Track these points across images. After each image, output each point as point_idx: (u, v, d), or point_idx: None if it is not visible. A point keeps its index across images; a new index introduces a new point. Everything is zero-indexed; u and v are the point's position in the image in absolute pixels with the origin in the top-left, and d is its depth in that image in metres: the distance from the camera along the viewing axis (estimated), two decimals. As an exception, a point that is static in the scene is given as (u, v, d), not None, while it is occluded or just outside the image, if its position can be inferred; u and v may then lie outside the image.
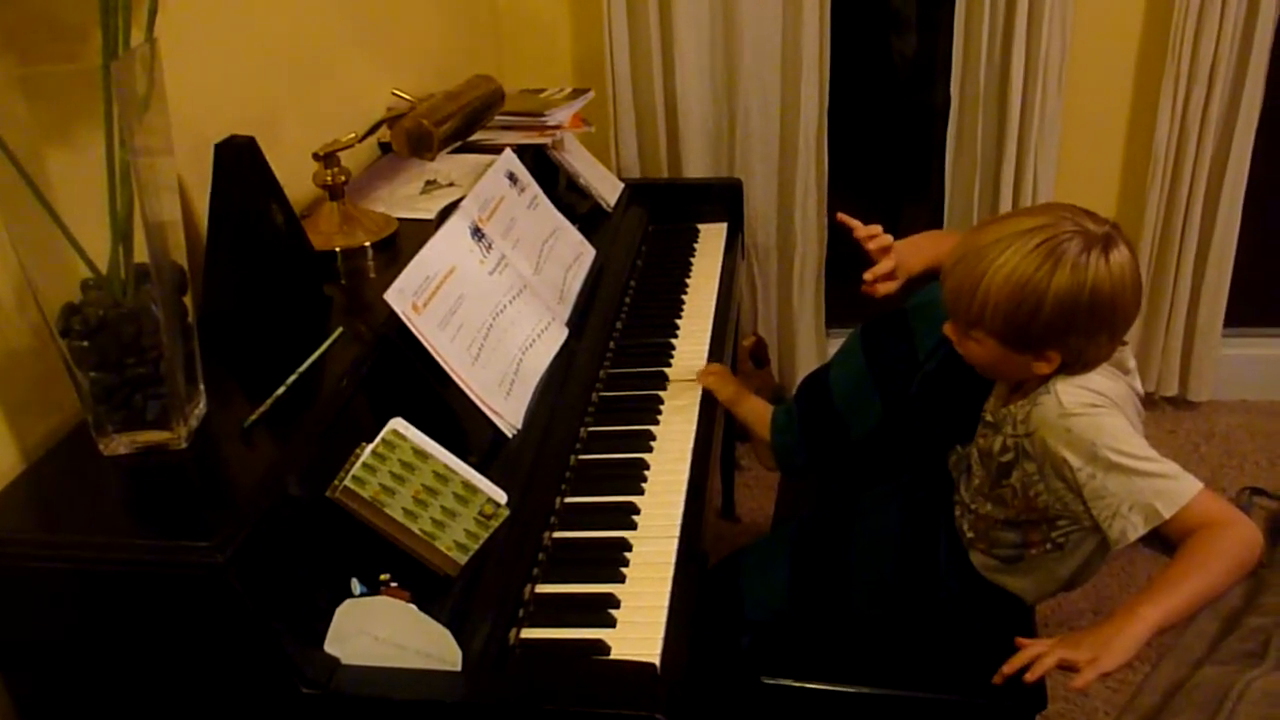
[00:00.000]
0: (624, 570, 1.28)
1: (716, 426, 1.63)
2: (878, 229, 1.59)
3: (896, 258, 1.57)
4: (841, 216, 1.62)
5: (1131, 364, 1.35)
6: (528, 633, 1.18)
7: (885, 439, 1.59)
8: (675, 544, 1.32)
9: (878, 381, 1.56)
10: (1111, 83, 2.54)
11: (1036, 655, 1.21)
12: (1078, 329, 1.25)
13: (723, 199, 2.26)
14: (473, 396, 1.33)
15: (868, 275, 1.58)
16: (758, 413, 1.68)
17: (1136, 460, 1.23)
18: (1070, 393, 1.28)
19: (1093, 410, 1.27)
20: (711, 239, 2.19)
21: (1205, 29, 2.35)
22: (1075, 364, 1.29)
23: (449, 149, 1.71)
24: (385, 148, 1.93)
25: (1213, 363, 2.74)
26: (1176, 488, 1.22)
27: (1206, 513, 1.21)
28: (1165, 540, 1.23)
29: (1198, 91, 2.41)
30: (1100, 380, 1.30)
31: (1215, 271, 2.62)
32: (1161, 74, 2.43)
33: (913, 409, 1.54)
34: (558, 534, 1.33)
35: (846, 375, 1.61)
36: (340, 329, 1.30)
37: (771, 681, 1.48)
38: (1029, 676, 1.21)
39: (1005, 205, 2.52)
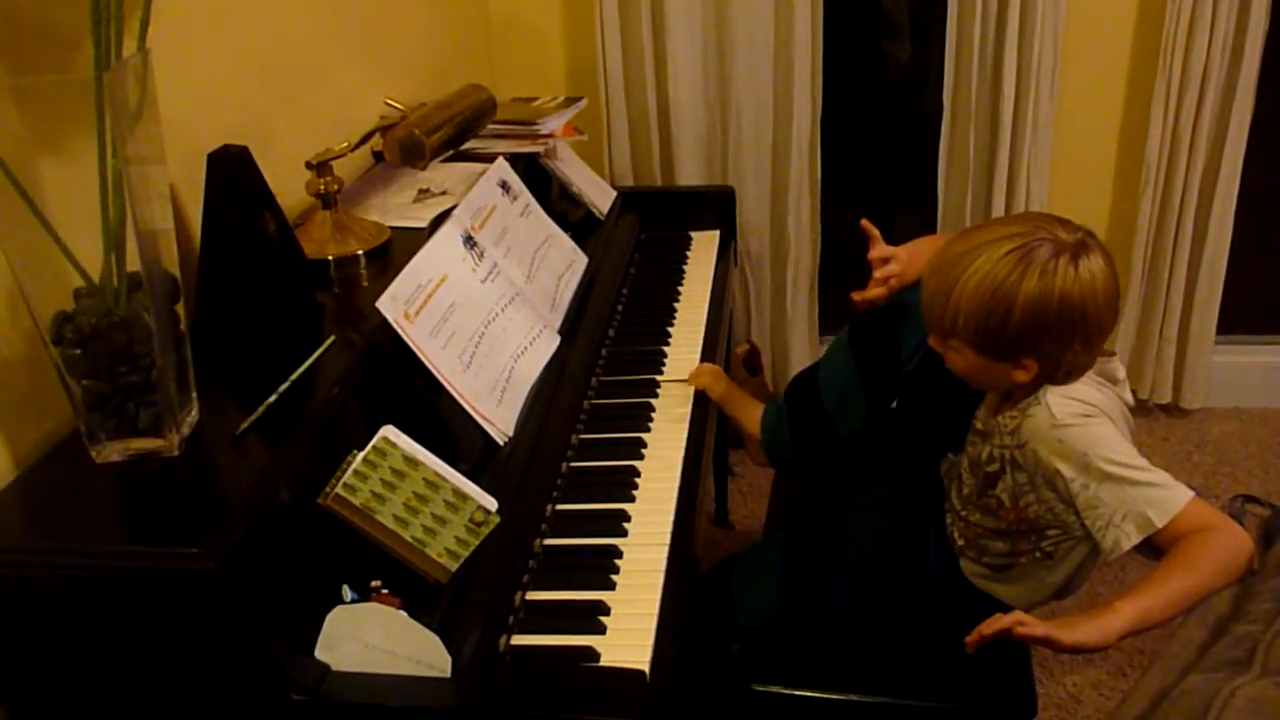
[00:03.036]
0: (614, 578, 1.28)
1: (708, 434, 1.64)
2: (891, 259, 1.58)
3: (897, 267, 1.58)
4: (866, 224, 1.62)
5: (1121, 375, 1.36)
6: (518, 639, 1.18)
7: (873, 441, 1.60)
8: (666, 551, 1.32)
9: (865, 380, 1.58)
10: (1103, 91, 2.55)
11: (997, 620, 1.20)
12: (1049, 335, 1.26)
13: (715, 206, 2.27)
14: (464, 404, 1.33)
15: (860, 304, 1.59)
16: (749, 410, 1.69)
17: (1129, 470, 1.24)
18: (1061, 404, 1.29)
19: (1084, 420, 1.27)
20: (704, 247, 2.19)
21: (1196, 37, 2.36)
22: (1055, 373, 1.29)
23: (441, 158, 1.72)
24: (378, 157, 1.93)
25: (1205, 370, 2.75)
26: (1169, 496, 1.22)
27: (1198, 521, 1.21)
28: (1157, 549, 1.23)
29: (1189, 99, 2.43)
30: (1090, 391, 1.30)
31: (1208, 279, 2.63)
32: (1153, 82, 2.44)
33: (896, 410, 1.54)
34: (548, 541, 1.34)
35: (835, 373, 1.62)
36: (332, 337, 1.30)
37: (762, 689, 1.48)
38: (987, 631, 1.18)
39: (998, 213, 2.52)
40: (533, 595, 1.25)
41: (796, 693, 1.48)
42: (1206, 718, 1.01)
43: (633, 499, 1.42)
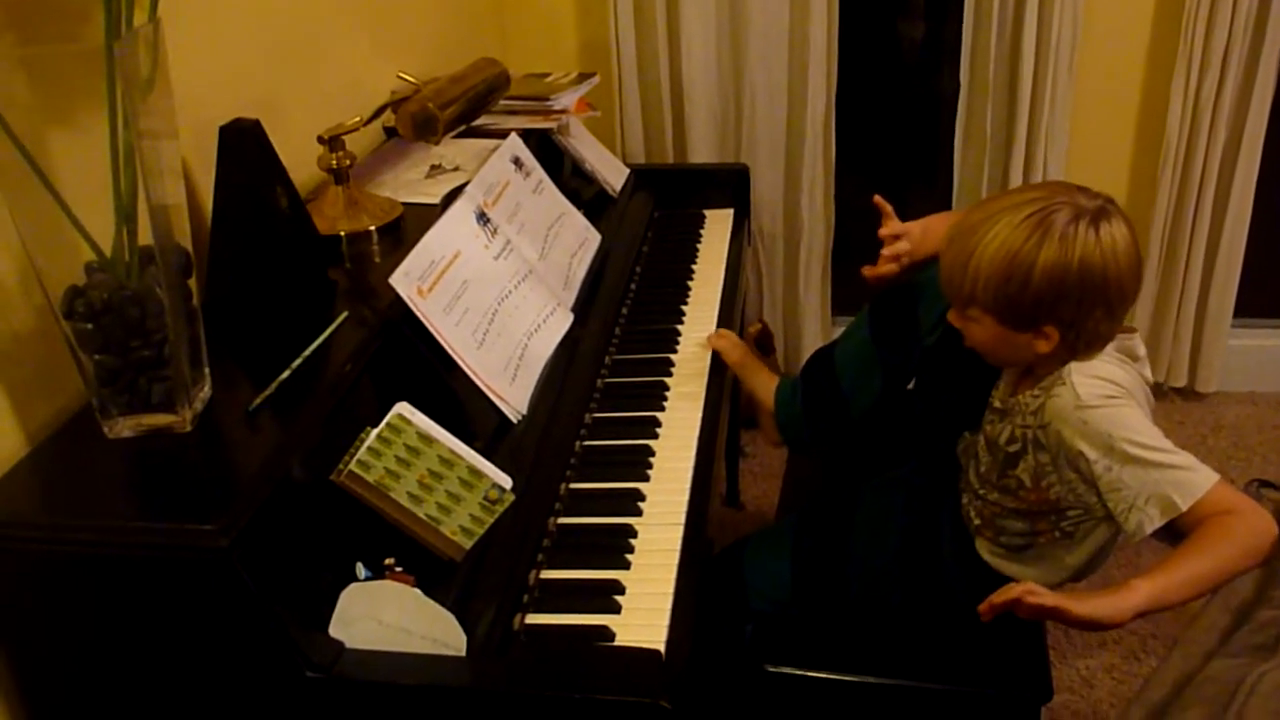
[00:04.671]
0: (629, 557, 1.27)
1: (722, 413, 1.63)
2: (902, 236, 1.57)
3: (909, 243, 1.57)
4: (879, 200, 1.60)
5: (1141, 352, 1.35)
6: (532, 618, 1.18)
7: (888, 422, 1.58)
8: (680, 531, 1.32)
9: (882, 358, 1.56)
10: (1123, 69, 2.53)
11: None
12: (1069, 300, 1.24)
13: (729, 185, 2.25)
14: (478, 381, 1.32)
15: (871, 280, 1.58)
16: (764, 381, 1.68)
17: (1153, 452, 1.22)
18: (1086, 384, 1.27)
19: (1109, 402, 1.26)
20: (718, 225, 2.18)
21: (1218, 14, 2.33)
22: (1076, 342, 1.28)
23: (454, 133, 1.70)
24: (390, 132, 1.92)
25: (1221, 353, 2.73)
26: (1193, 479, 1.21)
27: (1223, 504, 1.19)
28: (1178, 532, 1.21)
29: (1210, 78, 2.40)
30: (1114, 370, 1.29)
31: (1225, 261, 2.60)
32: (1174, 60, 2.41)
33: (912, 389, 1.53)
34: (563, 520, 1.33)
35: (852, 350, 1.61)
36: (345, 313, 1.29)
37: (775, 670, 1.48)
38: (997, 600, 1.17)
39: (1014, 192, 2.50)
40: (547, 574, 1.24)
41: (809, 674, 1.47)
42: (1232, 704, 1.00)
43: (647, 478, 1.41)
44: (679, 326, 1.79)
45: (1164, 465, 1.22)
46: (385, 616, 1.02)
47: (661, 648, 1.13)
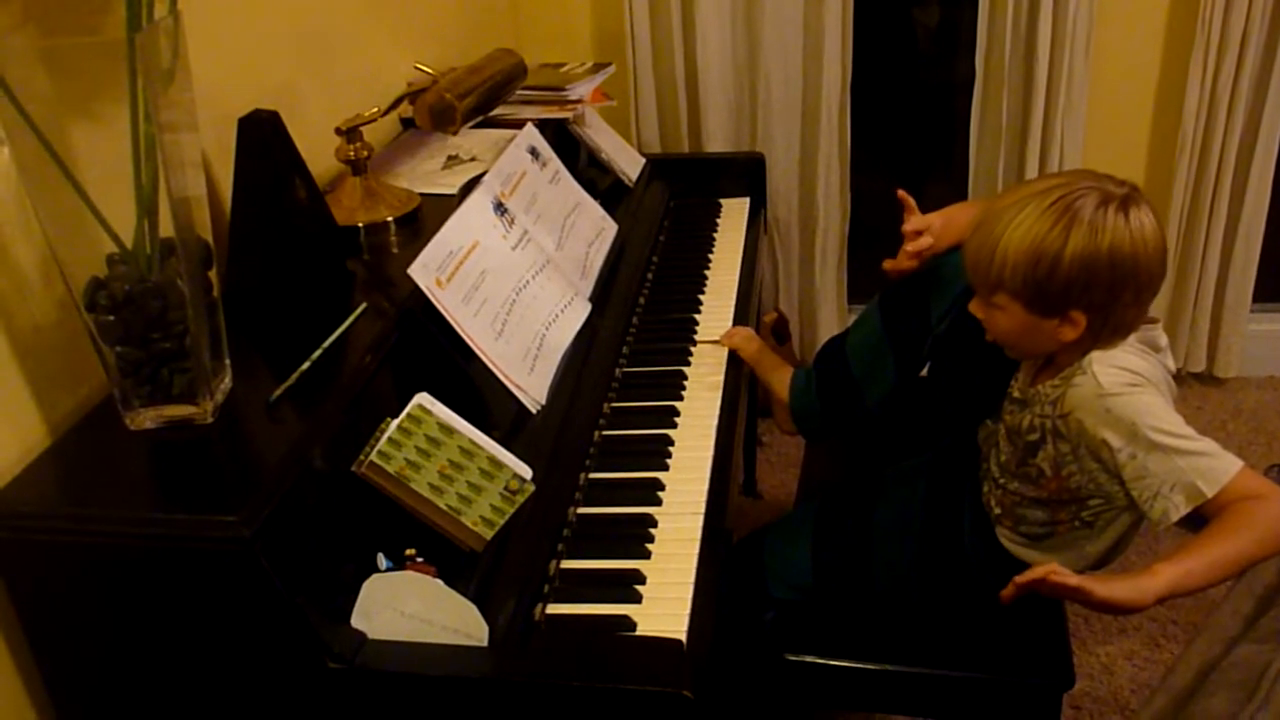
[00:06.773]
0: (649, 546, 1.27)
1: (740, 402, 1.62)
2: (925, 231, 1.56)
3: (932, 235, 1.56)
4: (903, 194, 1.60)
5: (1163, 342, 1.34)
6: (553, 608, 1.18)
7: (902, 408, 1.58)
8: (701, 520, 1.31)
9: (893, 346, 1.56)
10: (1139, 54, 2.51)
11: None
12: (1099, 286, 1.24)
13: (745, 173, 2.25)
14: (496, 372, 1.32)
15: (892, 273, 1.57)
16: (779, 374, 1.68)
17: (1177, 439, 1.22)
18: (1108, 373, 1.26)
19: (1132, 390, 1.25)
20: (734, 214, 2.17)
21: (1236, -1, 2.31)
22: (1101, 329, 1.27)
23: (471, 123, 1.70)
24: (407, 123, 1.92)
25: (1240, 338, 2.71)
26: (1218, 466, 1.20)
27: (1248, 490, 1.19)
28: (1198, 520, 1.21)
29: (1228, 62, 2.38)
30: (1135, 359, 1.28)
31: (1244, 246, 2.59)
32: (1190, 46, 2.39)
33: (927, 377, 1.52)
34: (583, 510, 1.33)
35: (863, 339, 1.61)
36: (364, 304, 1.29)
37: (795, 658, 1.47)
38: (1022, 581, 1.17)
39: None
40: (568, 564, 1.24)
41: (830, 662, 1.47)
42: (1259, 689, 0.99)
43: (666, 467, 1.41)
44: (696, 315, 1.79)
45: (1189, 452, 1.21)
46: (407, 607, 1.02)
47: (683, 637, 1.13)
